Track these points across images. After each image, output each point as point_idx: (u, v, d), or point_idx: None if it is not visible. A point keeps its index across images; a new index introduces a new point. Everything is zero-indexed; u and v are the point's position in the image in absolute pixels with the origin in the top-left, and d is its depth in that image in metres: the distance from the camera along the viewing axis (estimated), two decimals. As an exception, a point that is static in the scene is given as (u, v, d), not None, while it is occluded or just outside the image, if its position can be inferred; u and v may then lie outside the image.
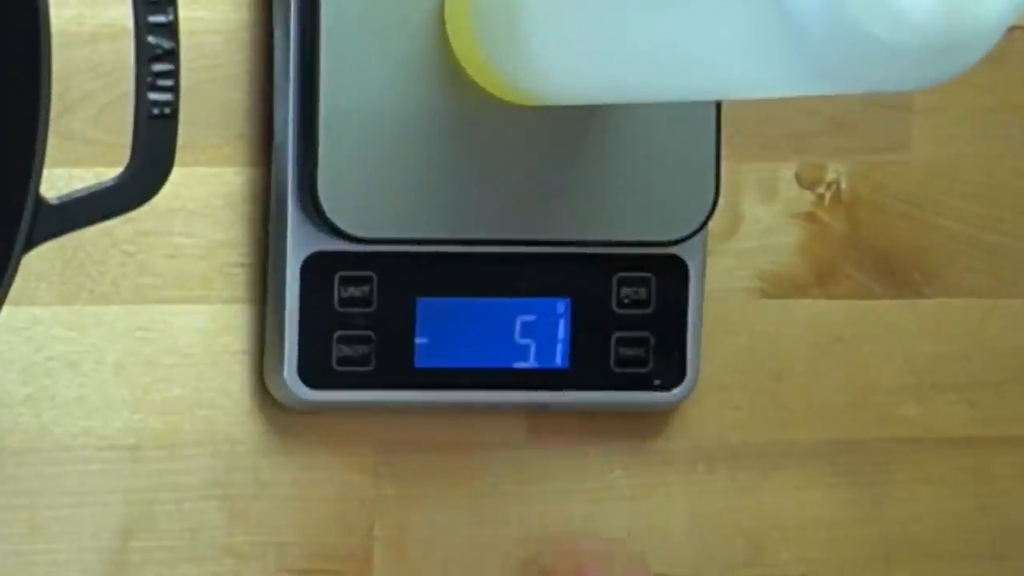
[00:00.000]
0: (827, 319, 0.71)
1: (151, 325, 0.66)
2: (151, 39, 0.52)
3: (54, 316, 0.66)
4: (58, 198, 0.52)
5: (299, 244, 0.64)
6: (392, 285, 0.65)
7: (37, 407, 0.66)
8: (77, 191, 0.53)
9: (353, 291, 0.65)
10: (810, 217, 0.70)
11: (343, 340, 0.65)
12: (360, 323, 0.65)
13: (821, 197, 0.70)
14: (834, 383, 0.71)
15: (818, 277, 0.70)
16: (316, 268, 0.64)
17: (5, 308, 0.51)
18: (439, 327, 0.65)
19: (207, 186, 0.67)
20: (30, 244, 0.51)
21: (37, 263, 0.61)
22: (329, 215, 0.62)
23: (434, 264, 0.65)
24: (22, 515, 0.67)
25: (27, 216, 0.51)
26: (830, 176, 0.70)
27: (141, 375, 0.66)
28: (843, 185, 0.70)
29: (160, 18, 0.52)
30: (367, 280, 0.65)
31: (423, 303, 0.65)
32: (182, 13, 0.53)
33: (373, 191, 0.63)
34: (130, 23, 0.52)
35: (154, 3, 0.52)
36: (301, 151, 0.63)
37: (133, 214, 0.53)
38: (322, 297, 0.64)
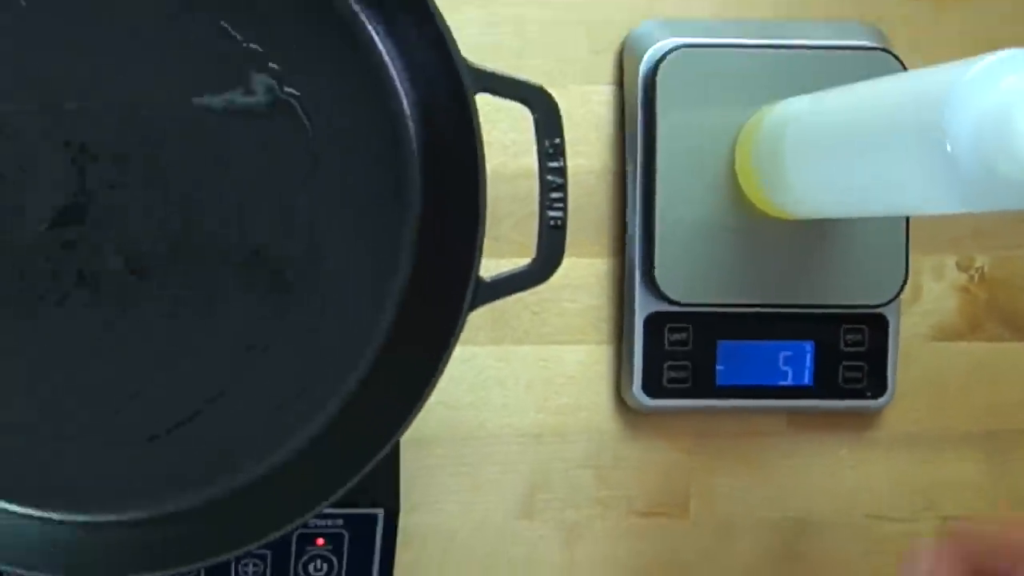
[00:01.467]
0: (976, 356, 0.88)
1: (549, 358, 0.86)
2: (550, 178, 0.71)
3: (487, 352, 0.86)
4: (490, 278, 0.71)
5: (642, 307, 0.82)
6: (702, 332, 0.82)
7: (477, 410, 0.85)
8: (502, 273, 0.71)
9: (676, 336, 0.82)
10: (964, 290, 0.88)
11: (671, 367, 0.82)
12: (681, 356, 0.82)
13: (972, 277, 0.87)
14: (983, 393, 0.88)
15: (970, 328, 0.88)
16: (653, 322, 0.82)
17: (457, 347, 0.70)
18: (732, 359, 0.81)
19: (584, 270, 0.86)
20: (472, 307, 0.70)
21: (477, 319, 0.76)
22: (662, 288, 0.80)
23: (729, 319, 0.82)
24: (467, 479, 0.86)
25: (471, 289, 0.70)
26: (977, 263, 0.87)
27: (543, 390, 0.86)
28: (986, 270, 0.88)
29: (556, 164, 0.71)
30: (685, 329, 0.83)
31: (722, 344, 0.82)
32: (569, 161, 0.71)
33: (690, 273, 0.81)
34: (536, 167, 0.71)
35: (551, 155, 0.71)
36: (644, 247, 0.82)
37: (537, 288, 0.72)
38: (657, 340, 0.82)
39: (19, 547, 0.74)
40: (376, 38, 0.76)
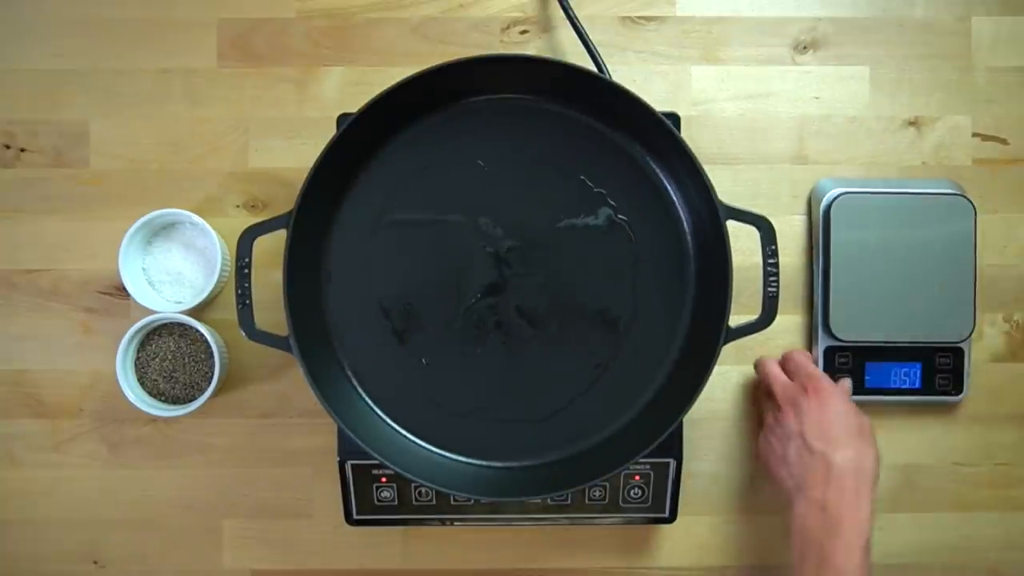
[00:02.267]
0: (1014, 372, 1.06)
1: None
2: (768, 268, 0.89)
3: (734, 368, 1.06)
4: (735, 326, 0.89)
5: (823, 342, 1.02)
6: (857, 356, 1.02)
7: (727, 403, 1.05)
8: (741, 324, 0.90)
9: (842, 359, 1.03)
10: (1008, 334, 1.07)
11: (838, 376, 1.02)
12: (844, 371, 1.03)
13: (1012, 326, 1.07)
14: (1019, 393, 1.06)
15: (1011, 355, 1.06)
16: (828, 351, 1.03)
17: (716, 367, 0.87)
18: (874, 372, 1.01)
19: (788, 321, 1.06)
20: (724, 343, 0.88)
21: (728, 349, 0.91)
22: (834, 332, 1.00)
23: (870, 350, 1.02)
24: (721, 441, 1.06)
25: (724, 333, 0.88)
26: (1015, 317, 1.07)
27: None
28: (1021, 321, 1.07)
29: (772, 260, 0.90)
30: (848, 352, 1.03)
31: (869, 365, 1.03)
32: (780, 258, 0.88)
33: (851, 323, 1.01)
34: (760, 262, 0.89)
35: (770, 255, 0.90)
36: (823, 308, 1.01)
37: (762, 332, 0.90)
38: (831, 361, 1.02)
39: (463, 481, 0.96)
40: (669, 188, 0.99)
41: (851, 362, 1.04)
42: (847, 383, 0.98)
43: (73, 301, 1.06)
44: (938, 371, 1.04)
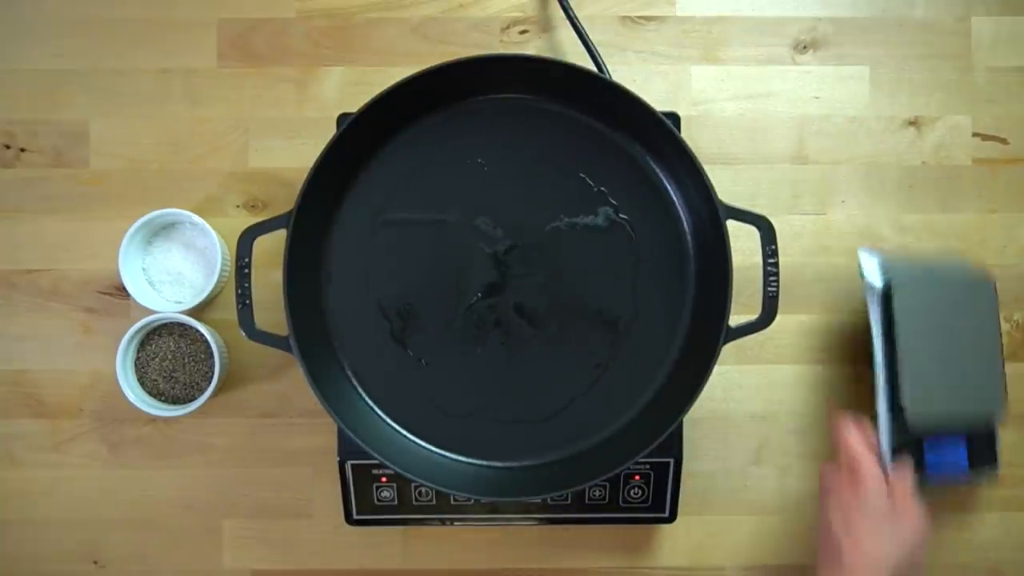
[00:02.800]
0: (1016, 371, 1.05)
1: (768, 371, 1.05)
2: (768, 268, 0.90)
3: (733, 368, 1.06)
4: (735, 325, 0.89)
5: (894, 438, 0.98)
6: (919, 441, 0.99)
7: (726, 402, 1.05)
8: (741, 323, 0.89)
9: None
10: (1008, 333, 1.07)
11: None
12: (909, 442, 0.99)
13: (1013, 325, 1.07)
14: (1020, 390, 1.05)
15: (1011, 354, 1.06)
16: (899, 446, 0.98)
17: (715, 366, 0.87)
18: (933, 453, 0.99)
19: (787, 321, 1.05)
20: (724, 343, 0.88)
21: (727, 349, 0.91)
22: (911, 424, 0.97)
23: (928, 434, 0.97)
24: (721, 442, 1.07)
25: (723, 332, 0.89)
26: (1015, 317, 1.06)
27: (764, 390, 1.05)
28: (1021, 321, 1.07)
29: (772, 260, 0.90)
30: (914, 441, 0.99)
31: (926, 445, 0.99)
32: (779, 258, 0.88)
33: (923, 411, 0.97)
34: (760, 262, 0.90)
35: (770, 255, 0.90)
36: (889, 398, 0.97)
37: (761, 332, 0.90)
38: (902, 454, 0.97)
39: (463, 481, 0.97)
40: (669, 188, 1.00)
41: (913, 448, 1.01)
42: (908, 471, 0.95)
43: (73, 301, 1.06)
44: (978, 445, 1.02)
